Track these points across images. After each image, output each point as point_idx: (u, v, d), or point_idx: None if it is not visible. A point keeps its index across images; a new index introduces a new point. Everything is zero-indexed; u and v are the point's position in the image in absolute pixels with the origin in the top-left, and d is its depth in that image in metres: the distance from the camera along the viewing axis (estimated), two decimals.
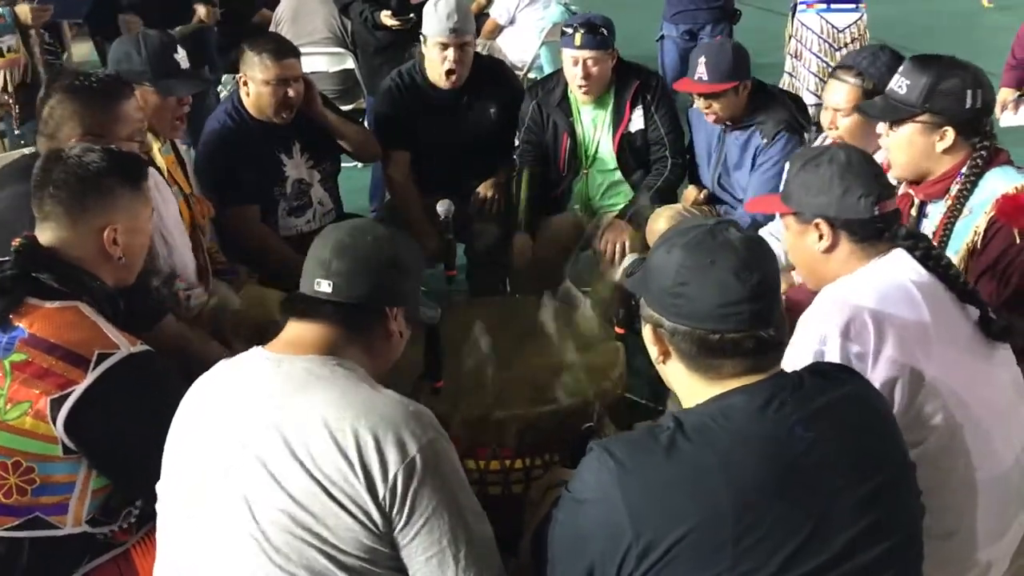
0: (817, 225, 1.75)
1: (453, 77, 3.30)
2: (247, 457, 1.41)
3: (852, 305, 1.67)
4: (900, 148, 2.13)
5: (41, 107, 2.20)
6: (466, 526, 1.42)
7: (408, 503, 1.37)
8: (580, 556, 1.33)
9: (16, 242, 1.74)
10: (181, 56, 2.60)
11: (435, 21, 3.24)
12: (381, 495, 1.36)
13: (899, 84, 2.12)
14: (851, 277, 1.74)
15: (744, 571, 1.25)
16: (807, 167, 1.77)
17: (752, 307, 1.34)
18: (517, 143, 3.45)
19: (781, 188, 1.84)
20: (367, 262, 1.51)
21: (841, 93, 2.53)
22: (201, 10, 4.46)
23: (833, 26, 4.43)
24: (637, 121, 3.28)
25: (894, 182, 2.26)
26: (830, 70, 4.21)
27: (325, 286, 1.50)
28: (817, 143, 2.77)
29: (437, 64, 3.29)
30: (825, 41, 4.44)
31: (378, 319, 1.54)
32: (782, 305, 1.41)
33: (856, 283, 1.72)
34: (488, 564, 1.44)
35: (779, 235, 2.05)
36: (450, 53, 3.25)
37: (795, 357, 1.59)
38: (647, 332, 1.45)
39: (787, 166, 1.84)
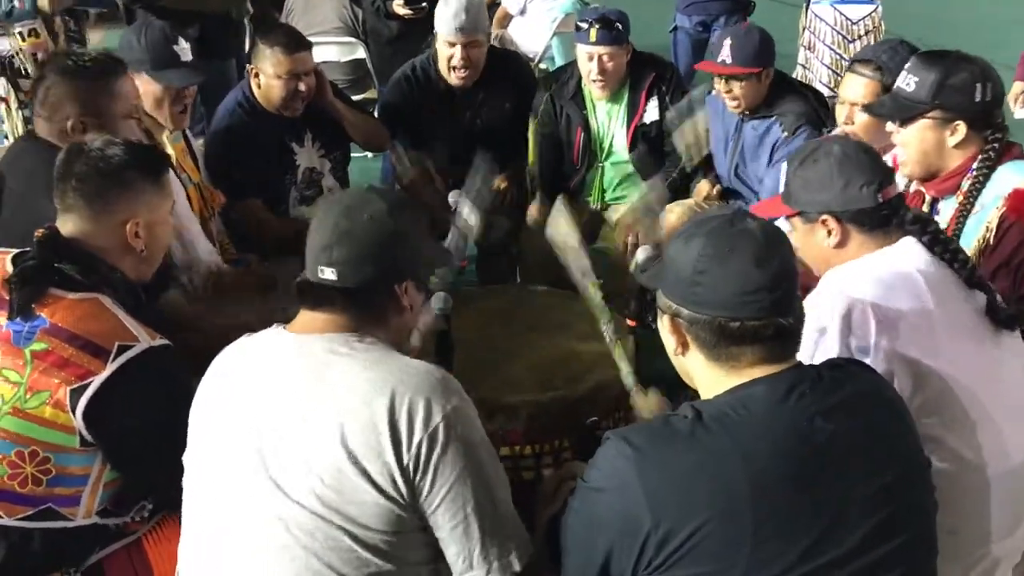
0: (824, 222, 1.75)
1: (461, 73, 3.29)
2: (274, 437, 1.43)
3: (852, 297, 1.67)
4: (911, 145, 2.12)
5: (36, 89, 2.21)
6: (491, 494, 1.43)
7: (431, 470, 1.38)
8: (597, 546, 1.33)
9: (39, 232, 1.75)
10: (183, 48, 2.61)
11: (444, 19, 3.24)
12: (405, 462, 1.37)
13: (907, 81, 2.10)
14: (855, 265, 1.73)
15: (761, 561, 1.26)
16: (804, 165, 1.76)
17: (772, 295, 1.35)
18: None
19: (781, 189, 1.83)
20: (368, 245, 1.49)
21: (859, 87, 2.51)
22: None
23: (847, 18, 4.40)
24: (652, 112, 3.26)
25: (903, 181, 2.25)
26: (844, 63, 4.21)
27: (329, 273, 1.49)
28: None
29: (445, 61, 3.29)
30: (839, 33, 4.42)
31: (388, 297, 1.54)
32: (800, 293, 1.42)
33: (859, 273, 1.72)
34: (513, 532, 1.45)
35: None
36: (457, 51, 3.25)
37: None
38: (664, 323, 1.45)
39: (783, 167, 1.83)
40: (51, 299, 1.68)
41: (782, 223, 2.04)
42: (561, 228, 2.27)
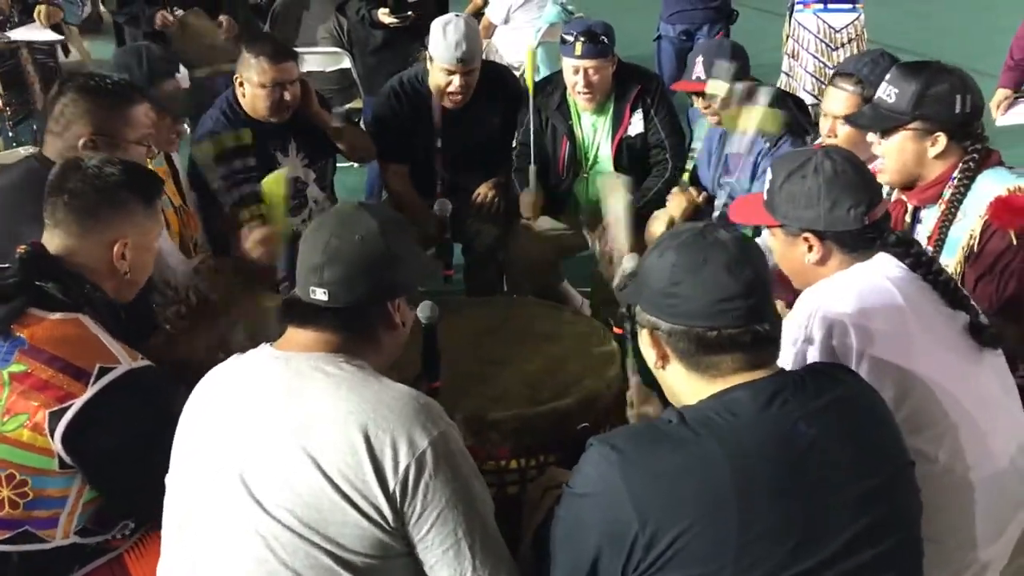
0: (806, 239, 1.75)
1: (457, 99, 3.29)
2: (256, 454, 1.42)
3: (830, 311, 1.67)
4: (892, 155, 2.13)
5: (52, 105, 2.20)
6: (479, 516, 1.43)
7: (420, 496, 1.38)
8: (583, 551, 1.33)
9: (21, 249, 1.73)
10: (182, 74, 2.61)
11: (443, 48, 3.20)
12: (391, 488, 1.37)
13: (887, 92, 2.12)
14: (830, 281, 1.73)
15: (747, 565, 1.26)
16: (792, 179, 1.74)
17: (747, 302, 1.36)
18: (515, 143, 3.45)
19: (765, 197, 1.82)
20: (359, 266, 1.49)
21: (840, 101, 2.52)
22: (223, 21, 4.40)
23: (830, 26, 4.43)
24: (637, 125, 3.27)
25: (886, 189, 2.26)
26: (827, 70, 4.23)
27: (320, 294, 1.48)
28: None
29: (441, 87, 3.27)
30: (822, 41, 4.44)
31: (380, 316, 1.53)
32: (774, 301, 1.43)
33: (836, 286, 1.72)
34: (501, 553, 1.46)
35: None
36: (456, 80, 3.24)
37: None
38: (644, 337, 1.46)
39: (768, 173, 1.82)
40: (31, 319, 1.67)
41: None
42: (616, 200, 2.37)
